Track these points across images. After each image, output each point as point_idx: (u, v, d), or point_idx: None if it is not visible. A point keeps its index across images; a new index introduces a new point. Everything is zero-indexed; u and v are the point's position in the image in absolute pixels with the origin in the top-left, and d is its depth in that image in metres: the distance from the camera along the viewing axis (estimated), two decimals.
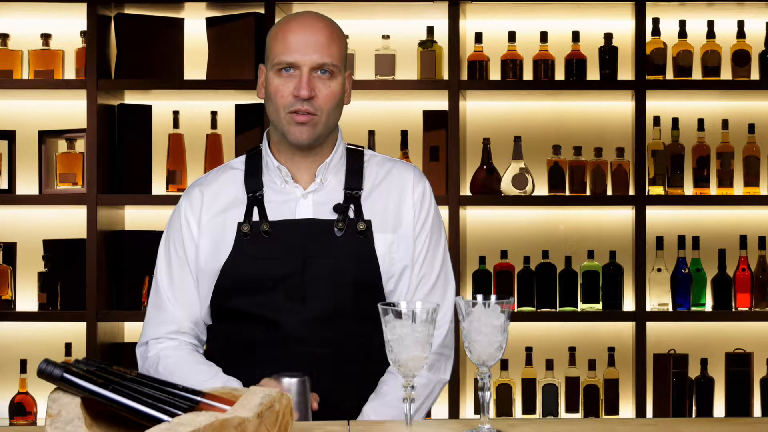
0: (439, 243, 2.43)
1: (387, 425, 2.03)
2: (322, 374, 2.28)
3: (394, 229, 2.37)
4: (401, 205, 2.39)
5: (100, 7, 4.18)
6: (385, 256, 2.34)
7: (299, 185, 2.38)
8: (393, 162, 2.46)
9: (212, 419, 1.51)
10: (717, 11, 4.32)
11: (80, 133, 4.24)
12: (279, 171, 2.38)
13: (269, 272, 2.31)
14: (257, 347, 2.32)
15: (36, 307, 4.25)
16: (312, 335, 2.29)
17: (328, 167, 2.38)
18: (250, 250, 2.33)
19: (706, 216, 4.41)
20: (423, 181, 2.44)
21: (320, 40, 2.32)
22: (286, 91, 2.32)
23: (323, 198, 2.37)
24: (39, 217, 4.40)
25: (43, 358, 1.60)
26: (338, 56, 2.34)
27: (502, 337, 1.86)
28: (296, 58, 2.31)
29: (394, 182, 2.41)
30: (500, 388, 4.25)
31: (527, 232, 4.44)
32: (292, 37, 2.32)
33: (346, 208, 2.35)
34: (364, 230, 2.34)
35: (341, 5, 4.22)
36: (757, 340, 4.35)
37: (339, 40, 2.36)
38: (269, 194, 2.37)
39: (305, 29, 2.33)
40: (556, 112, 4.46)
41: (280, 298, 2.30)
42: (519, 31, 4.33)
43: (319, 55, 2.31)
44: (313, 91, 2.30)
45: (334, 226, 2.33)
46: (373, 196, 2.38)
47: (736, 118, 4.39)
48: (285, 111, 2.32)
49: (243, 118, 4.25)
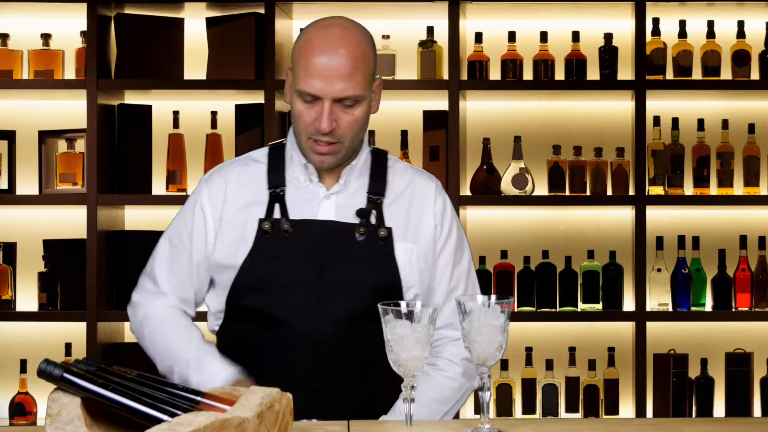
0: (463, 256, 2.43)
1: (387, 425, 2.03)
2: (333, 378, 2.28)
3: (414, 239, 2.36)
4: (422, 216, 2.38)
5: (100, 7, 4.17)
6: (405, 265, 2.34)
7: (323, 185, 2.36)
8: (415, 171, 2.45)
9: (212, 419, 1.51)
10: (717, 11, 4.32)
11: (80, 133, 4.24)
12: (305, 168, 2.36)
13: (287, 271, 2.29)
14: (269, 347, 2.31)
15: (36, 307, 4.25)
16: (326, 338, 2.28)
17: (353, 170, 2.37)
18: (269, 248, 2.31)
19: (706, 216, 4.41)
20: (443, 194, 2.44)
21: (344, 69, 2.24)
22: (308, 118, 2.27)
23: (346, 200, 2.35)
24: (39, 217, 4.40)
25: (43, 358, 1.60)
26: (363, 83, 2.27)
27: (502, 337, 1.86)
28: (317, 89, 2.24)
29: (416, 192, 2.40)
30: (500, 388, 4.25)
31: (527, 232, 4.44)
32: (315, 62, 2.24)
33: (368, 214, 2.34)
34: (386, 237, 2.33)
35: (341, 5, 4.22)
36: (757, 340, 4.35)
37: (365, 62, 2.27)
38: (291, 191, 2.35)
39: (330, 53, 2.24)
40: (556, 112, 4.46)
41: (296, 298, 2.29)
42: (519, 31, 4.33)
43: (342, 87, 2.24)
44: (334, 123, 2.26)
45: (356, 231, 2.32)
46: (395, 204, 2.37)
47: (736, 118, 4.39)
48: (306, 136, 2.29)
49: (243, 118, 4.25)
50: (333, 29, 2.27)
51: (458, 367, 2.37)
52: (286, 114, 4.31)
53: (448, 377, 2.36)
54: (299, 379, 2.27)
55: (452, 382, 2.36)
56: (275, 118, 4.16)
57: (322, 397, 2.28)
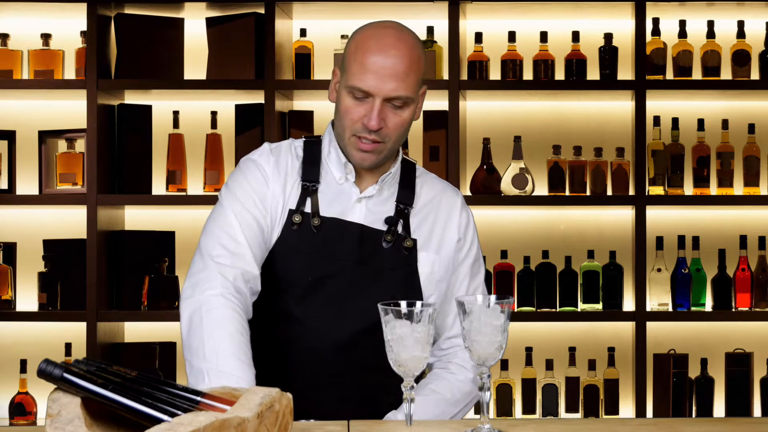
0: (479, 271, 2.46)
1: (387, 425, 2.03)
2: (343, 381, 2.29)
3: (437, 250, 2.38)
4: (446, 229, 2.40)
5: (100, 7, 4.18)
6: (426, 275, 2.36)
7: (357, 187, 2.35)
8: (443, 184, 2.46)
9: (212, 419, 1.51)
10: (717, 11, 4.32)
11: (80, 133, 4.24)
12: (344, 167, 2.34)
13: (311, 269, 2.29)
14: (282, 345, 2.30)
15: (36, 307, 4.25)
16: (339, 341, 2.29)
17: (390, 176, 2.37)
18: (295, 242, 2.29)
19: (706, 216, 4.41)
20: (468, 209, 2.46)
21: (398, 69, 2.24)
22: (356, 115, 2.27)
23: (376, 207, 2.35)
24: (39, 217, 4.40)
25: (43, 358, 1.60)
26: (414, 86, 2.27)
27: (502, 337, 1.86)
28: (370, 86, 2.23)
29: (442, 205, 2.42)
30: (500, 388, 4.25)
31: (527, 232, 4.44)
32: (370, 59, 2.24)
33: (396, 222, 2.34)
34: (410, 247, 2.34)
35: (342, 5, 4.22)
36: (757, 340, 4.35)
37: (417, 66, 2.27)
38: (324, 188, 2.34)
39: (385, 52, 2.24)
40: (556, 112, 4.46)
41: (316, 298, 2.29)
42: (519, 31, 4.33)
43: (395, 87, 2.23)
44: (383, 122, 2.26)
45: (383, 238, 2.32)
46: (421, 215, 2.38)
47: (736, 118, 4.39)
48: (351, 133, 2.28)
49: (243, 118, 4.25)
50: (389, 30, 2.29)
51: (470, 372, 2.39)
52: (286, 114, 4.31)
53: (460, 381, 2.38)
54: (308, 379, 2.28)
55: (464, 385, 2.38)
56: (275, 118, 4.16)
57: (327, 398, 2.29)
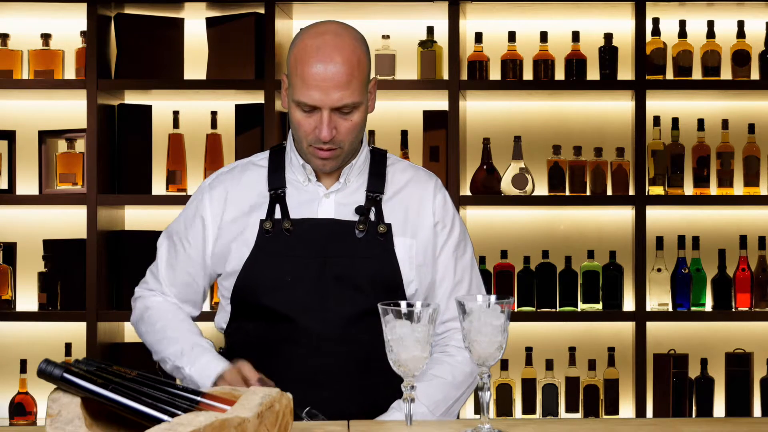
0: (466, 250, 2.45)
1: (387, 425, 2.03)
2: (338, 374, 2.30)
3: (413, 234, 2.38)
4: (421, 212, 2.40)
5: (100, 7, 4.17)
6: (404, 260, 2.36)
7: (322, 184, 2.38)
8: (414, 168, 2.47)
9: (212, 419, 1.51)
10: (717, 11, 4.32)
11: (80, 133, 4.24)
12: (303, 169, 2.38)
13: (289, 270, 2.32)
14: (275, 345, 2.34)
15: (36, 307, 4.25)
16: (329, 334, 2.31)
17: (352, 169, 2.39)
18: (271, 248, 2.34)
19: (706, 216, 4.41)
20: (443, 191, 2.46)
21: (340, 78, 2.24)
22: (308, 127, 2.29)
23: (345, 199, 2.38)
24: (39, 217, 4.40)
25: (43, 358, 1.60)
26: (360, 89, 2.28)
27: (502, 337, 1.86)
28: (315, 100, 2.25)
29: (415, 189, 2.42)
30: (500, 388, 4.25)
31: (527, 232, 4.44)
32: (311, 72, 2.24)
33: (367, 210, 2.36)
34: (385, 233, 2.35)
35: (341, 5, 4.22)
36: (757, 340, 4.35)
37: (360, 68, 2.28)
38: (291, 192, 2.38)
39: (325, 63, 2.24)
40: (556, 112, 4.46)
41: (300, 296, 2.32)
42: (519, 31, 4.33)
43: (340, 96, 2.24)
44: (334, 130, 2.28)
45: (355, 228, 2.34)
46: (394, 201, 2.39)
47: (736, 118, 4.39)
48: (307, 143, 2.31)
49: (243, 118, 4.25)
50: (326, 37, 2.28)
51: (468, 352, 2.38)
52: (286, 114, 4.31)
53: (460, 362, 2.38)
54: (304, 375, 2.30)
55: (464, 366, 2.37)
56: (275, 118, 4.16)
57: (324, 393, 2.30)
